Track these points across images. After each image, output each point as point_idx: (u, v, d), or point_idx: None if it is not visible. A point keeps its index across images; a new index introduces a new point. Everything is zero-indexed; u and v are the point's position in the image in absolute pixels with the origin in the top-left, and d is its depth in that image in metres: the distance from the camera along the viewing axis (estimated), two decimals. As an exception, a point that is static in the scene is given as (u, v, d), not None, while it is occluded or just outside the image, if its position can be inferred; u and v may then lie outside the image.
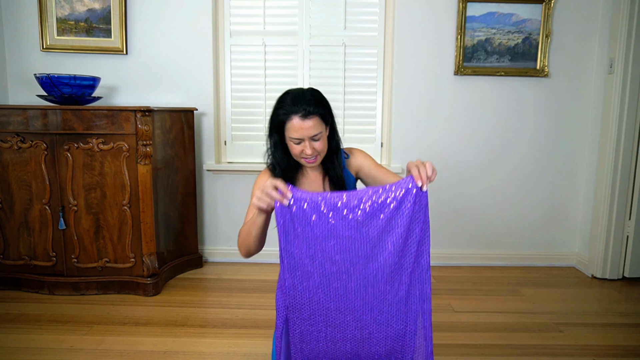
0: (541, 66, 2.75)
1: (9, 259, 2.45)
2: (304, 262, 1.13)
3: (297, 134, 1.32)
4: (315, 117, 1.32)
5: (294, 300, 1.16)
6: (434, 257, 2.93)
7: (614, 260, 2.70)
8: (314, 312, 1.15)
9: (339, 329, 1.16)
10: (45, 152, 2.33)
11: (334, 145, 1.44)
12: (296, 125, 1.31)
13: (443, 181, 2.88)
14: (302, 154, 1.35)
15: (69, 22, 2.71)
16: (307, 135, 1.32)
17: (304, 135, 1.32)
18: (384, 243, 1.11)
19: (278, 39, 2.79)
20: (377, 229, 1.10)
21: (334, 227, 1.10)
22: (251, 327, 2.08)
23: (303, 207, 1.10)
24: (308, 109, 1.31)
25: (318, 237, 1.11)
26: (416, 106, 2.81)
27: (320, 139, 1.34)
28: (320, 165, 1.45)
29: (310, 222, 1.10)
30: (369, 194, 1.10)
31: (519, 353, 1.89)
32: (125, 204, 2.37)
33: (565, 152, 2.87)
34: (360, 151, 1.53)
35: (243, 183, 2.89)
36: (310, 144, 1.33)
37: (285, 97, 1.37)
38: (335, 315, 1.15)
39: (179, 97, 2.80)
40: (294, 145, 1.35)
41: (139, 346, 1.91)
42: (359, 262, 1.11)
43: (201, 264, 2.87)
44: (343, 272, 1.12)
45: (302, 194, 1.11)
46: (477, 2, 2.69)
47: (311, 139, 1.33)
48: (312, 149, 1.33)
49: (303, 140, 1.33)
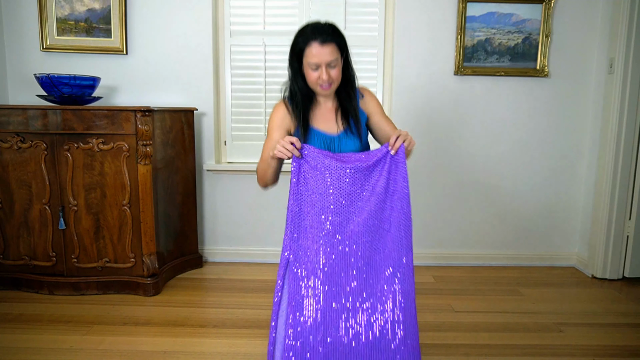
0: (541, 66, 2.75)
1: (9, 259, 2.45)
2: (310, 196, 1.41)
3: (315, 59, 1.42)
4: (332, 44, 1.42)
5: (299, 223, 1.41)
6: (434, 257, 2.94)
7: (614, 260, 2.70)
8: (315, 235, 1.39)
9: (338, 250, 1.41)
10: (45, 152, 2.33)
11: (349, 78, 1.54)
12: (314, 51, 1.41)
13: (443, 181, 2.88)
14: (319, 80, 1.45)
15: (69, 22, 2.71)
16: (324, 60, 1.42)
17: (322, 60, 1.42)
18: (371, 187, 1.42)
19: (278, 39, 2.79)
20: (364, 178, 1.42)
21: (333, 174, 1.40)
22: (251, 327, 2.08)
23: (312, 157, 1.41)
24: (326, 36, 1.42)
25: (321, 179, 1.40)
26: (416, 106, 2.81)
27: (335, 67, 1.45)
28: (335, 98, 1.56)
29: (316, 168, 1.40)
30: (361, 157, 1.43)
31: (519, 353, 1.89)
32: (125, 204, 2.37)
33: (565, 152, 2.87)
34: (372, 96, 1.64)
35: (243, 183, 2.89)
36: (327, 71, 1.43)
37: (306, 27, 1.47)
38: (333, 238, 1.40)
39: (179, 97, 2.80)
40: (312, 72, 1.45)
41: (139, 346, 1.91)
42: (352, 201, 1.41)
43: (201, 264, 2.87)
44: (342, 206, 1.40)
45: (309, 150, 1.40)
46: (477, 2, 2.69)
47: (327, 66, 1.43)
48: (327, 75, 1.44)
49: (320, 66, 1.43)
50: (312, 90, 1.52)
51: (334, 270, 1.38)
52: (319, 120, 1.54)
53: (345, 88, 1.54)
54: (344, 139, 1.53)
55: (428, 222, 2.92)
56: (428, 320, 2.17)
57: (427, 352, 1.88)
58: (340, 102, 1.55)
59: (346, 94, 1.55)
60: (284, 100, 1.55)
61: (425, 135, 2.84)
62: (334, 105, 1.56)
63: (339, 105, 1.55)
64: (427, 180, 2.88)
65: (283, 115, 1.53)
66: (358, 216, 1.40)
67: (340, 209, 1.40)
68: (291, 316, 1.36)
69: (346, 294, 1.38)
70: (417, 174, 2.87)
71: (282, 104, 1.55)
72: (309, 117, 1.53)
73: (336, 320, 1.36)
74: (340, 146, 1.54)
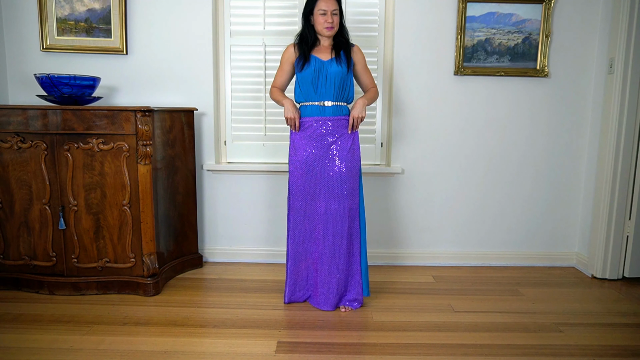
0: (541, 66, 2.75)
1: (9, 259, 2.45)
2: (299, 159, 2.22)
3: (324, 6, 2.13)
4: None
5: (294, 182, 2.24)
6: (434, 257, 2.95)
7: (614, 260, 2.70)
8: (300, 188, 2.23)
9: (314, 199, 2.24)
10: (45, 152, 2.33)
11: (342, 27, 2.24)
12: (323, 2, 2.13)
13: (443, 181, 2.88)
14: (326, 22, 2.14)
15: (69, 22, 2.71)
16: (330, 8, 2.13)
17: (329, 8, 2.13)
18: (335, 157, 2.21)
19: (278, 39, 2.79)
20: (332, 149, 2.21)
21: (315, 145, 2.21)
22: (251, 327, 2.08)
23: (303, 131, 2.22)
24: None
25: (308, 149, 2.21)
26: (416, 106, 2.81)
27: (337, 15, 2.16)
28: (332, 41, 2.23)
29: (305, 138, 2.21)
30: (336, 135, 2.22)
31: (519, 353, 1.89)
32: (126, 204, 2.37)
33: (565, 152, 2.87)
34: (360, 50, 2.30)
35: (243, 183, 2.89)
36: (332, 16, 2.14)
37: None
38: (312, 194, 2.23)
39: (179, 97, 2.80)
40: (320, 16, 2.14)
41: (139, 346, 1.91)
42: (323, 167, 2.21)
43: (201, 264, 2.87)
44: (317, 170, 2.21)
45: (304, 122, 2.21)
46: (477, 2, 2.69)
47: (332, 13, 2.13)
48: (332, 19, 2.14)
49: (327, 12, 2.13)
50: (316, 37, 2.21)
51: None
52: (317, 52, 2.21)
53: (341, 34, 2.24)
54: (333, 64, 2.17)
55: (427, 222, 2.92)
56: (428, 320, 2.17)
57: (427, 352, 1.88)
58: (335, 43, 2.22)
59: (342, 37, 2.24)
60: (294, 44, 2.24)
61: (425, 135, 2.84)
62: (330, 44, 2.23)
63: (334, 46, 2.22)
64: (427, 180, 2.88)
65: (291, 52, 2.23)
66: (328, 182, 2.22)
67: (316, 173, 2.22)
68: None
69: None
70: (417, 174, 2.88)
71: (292, 46, 2.24)
72: (312, 50, 2.21)
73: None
74: (329, 68, 2.17)
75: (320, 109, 2.18)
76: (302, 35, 2.21)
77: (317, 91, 2.17)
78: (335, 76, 2.16)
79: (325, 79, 2.16)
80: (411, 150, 2.85)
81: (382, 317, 2.20)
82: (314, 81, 2.17)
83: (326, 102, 2.18)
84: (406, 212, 2.91)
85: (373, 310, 2.26)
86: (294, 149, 2.22)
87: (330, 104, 2.18)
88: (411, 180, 2.88)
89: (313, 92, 2.18)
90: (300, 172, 2.20)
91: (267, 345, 1.93)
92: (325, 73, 2.16)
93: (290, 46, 2.23)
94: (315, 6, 2.13)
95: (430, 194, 2.90)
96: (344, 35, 2.24)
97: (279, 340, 1.97)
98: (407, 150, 2.85)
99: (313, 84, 2.17)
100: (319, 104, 2.18)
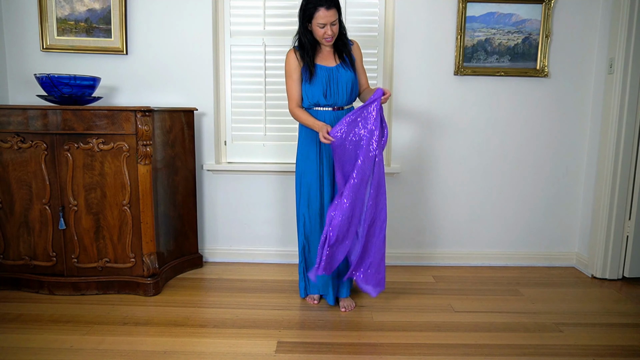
0: (541, 66, 2.75)
1: (9, 259, 2.45)
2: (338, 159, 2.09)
3: (323, 20, 2.00)
4: (334, 8, 2.01)
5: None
6: (434, 257, 2.94)
7: (613, 260, 2.70)
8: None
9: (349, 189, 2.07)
10: (45, 152, 2.33)
11: (342, 30, 2.13)
12: (322, 14, 1.99)
13: (443, 181, 2.88)
14: (325, 35, 2.04)
15: (69, 22, 2.71)
16: (329, 21, 2.00)
17: (327, 21, 2.00)
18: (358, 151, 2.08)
19: (278, 39, 2.79)
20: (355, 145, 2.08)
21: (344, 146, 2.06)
22: (251, 327, 2.08)
23: (336, 137, 2.03)
24: (330, 3, 1.99)
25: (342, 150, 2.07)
26: (416, 106, 2.81)
27: (336, 24, 2.04)
28: (332, 45, 2.14)
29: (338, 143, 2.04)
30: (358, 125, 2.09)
31: (519, 353, 1.89)
32: (126, 204, 2.37)
33: (565, 152, 2.87)
34: (359, 47, 2.25)
35: (243, 183, 2.89)
36: (331, 28, 2.02)
37: None
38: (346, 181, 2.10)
39: (179, 97, 2.80)
40: (319, 29, 2.03)
41: (139, 346, 1.91)
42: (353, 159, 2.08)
43: (201, 264, 2.87)
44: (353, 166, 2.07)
45: (335, 133, 2.02)
46: (477, 2, 2.69)
47: (331, 24, 2.01)
48: (332, 31, 2.03)
49: (326, 25, 2.01)
50: (316, 41, 2.10)
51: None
52: (321, 59, 2.14)
53: (340, 38, 2.13)
54: (341, 70, 2.13)
55: (427, 222, 2.92)
56: (428, 320, 2.17)
57: (427, 352, 1.88)
58: (336, 46, 2.15)
59: (341, 41, 2.14)
60: (294, 48, 2.14)
61: (425, 135, 2.84)
62: (331, 49, 2.16)
63: (335, 49, 2.15)
64: (426, 180, 2.88)
65: (295, 60, 2.12)
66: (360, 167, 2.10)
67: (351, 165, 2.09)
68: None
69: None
70: (416, 174, 2.88)
71: (292, 52, 2.13)
72: (315, 58, 2.12)
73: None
74: (338, 74, 2.12)
75: (334, 115, 2.16)
76: (300, 41, 2.12)
77: (328, 98, 2.14)
78: (346, 82, 2.13)
79: (337, 86, 2.13)
80: (411, 150, 2.85)
81: (382, 317, 2.20)
82: (325, 91, 2.13)
83: (338, 107, 2.16)
84: (406, 212, 2.91)
85: (373, 310, 2.26)
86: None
87: (342, 108, 2.18)
88: (411, 180, 2.88)
89: (324, 99, 2.14)
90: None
91: (267, 345, 1.93)
92: (336, 81, 2.12)
93: (291, 53, 2.12)
94: (314, 19, 2.00)
95: (430, 194, 2.90)
96: (342, 38, 2.16)
97: (279, 340, 1.97)
98: (407, 150, 2.85)
99: (325, 93, 2.13)
100: (332, 109, 2.16)
